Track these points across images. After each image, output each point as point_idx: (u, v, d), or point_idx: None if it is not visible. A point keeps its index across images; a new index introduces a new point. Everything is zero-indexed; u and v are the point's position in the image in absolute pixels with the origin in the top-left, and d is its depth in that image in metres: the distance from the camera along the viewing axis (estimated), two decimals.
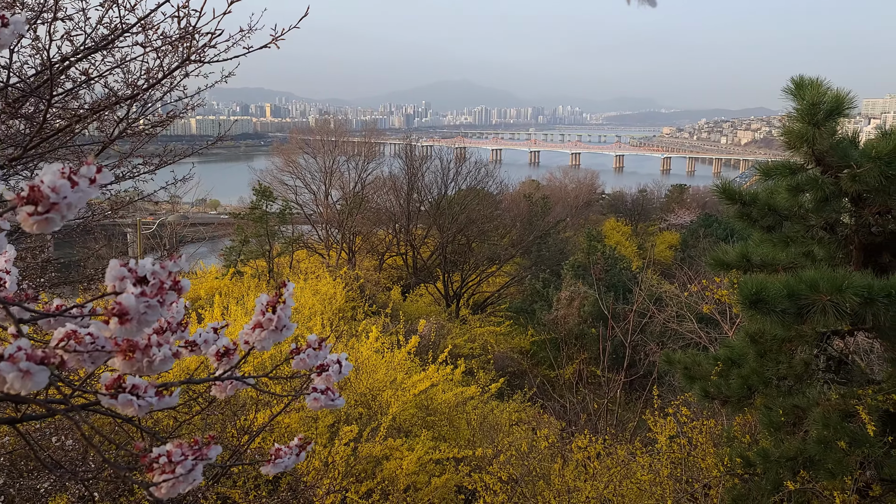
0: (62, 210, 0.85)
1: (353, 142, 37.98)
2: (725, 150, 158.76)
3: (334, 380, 1.43)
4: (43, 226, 0.84)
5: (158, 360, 0.99)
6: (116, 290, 0.99)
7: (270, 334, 1.25)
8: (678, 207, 50.27)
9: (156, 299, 0.92)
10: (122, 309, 0.90)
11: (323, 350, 1.40)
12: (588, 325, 20.26)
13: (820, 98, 4.16)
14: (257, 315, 1.26)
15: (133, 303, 0.90)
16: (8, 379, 0.76)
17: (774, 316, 3.98)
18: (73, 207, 0.86)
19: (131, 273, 0.99)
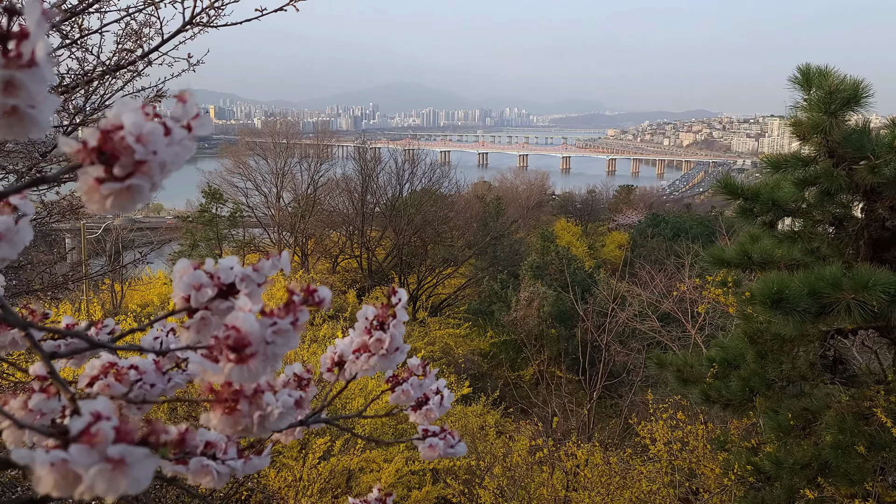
0: (152, 173, 0.50)
1: (304, 144, 37.35)
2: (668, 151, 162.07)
3: (436, 415, 1.10)
4: (122, 199, 0.49)
5: (277, 413, 0.64)
6: (191, 304, 0.65)
7: (381, 361, 0.91)
8: (626, 208, 51.05)
9: (288, 321, 0.58)
10: (240, 338, 0.55)
11: (428, 377, 1.07)
12: (548, 325, 20.17)
13: (837, 86, 3.99)
14: (360, 334, 0.92)
15: (256, 328, 0.56)
16: (86, 477, 0.41)
17: (796, 315, 3.78)
18: (165, 170, 0.52)
19: (212, 280, 0.65)
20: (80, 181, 0.49)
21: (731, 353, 5.49)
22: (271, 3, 2.12)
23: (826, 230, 4.64)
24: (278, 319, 0.57)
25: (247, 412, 0.61)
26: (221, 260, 0.69)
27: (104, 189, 0.49)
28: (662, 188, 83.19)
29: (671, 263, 17.88)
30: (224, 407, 0.60)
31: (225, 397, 0.60)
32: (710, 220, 35.19)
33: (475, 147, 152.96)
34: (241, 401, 0.61)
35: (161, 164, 0.51)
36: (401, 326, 0.92)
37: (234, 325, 0.56)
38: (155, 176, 0.50)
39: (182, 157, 0.53)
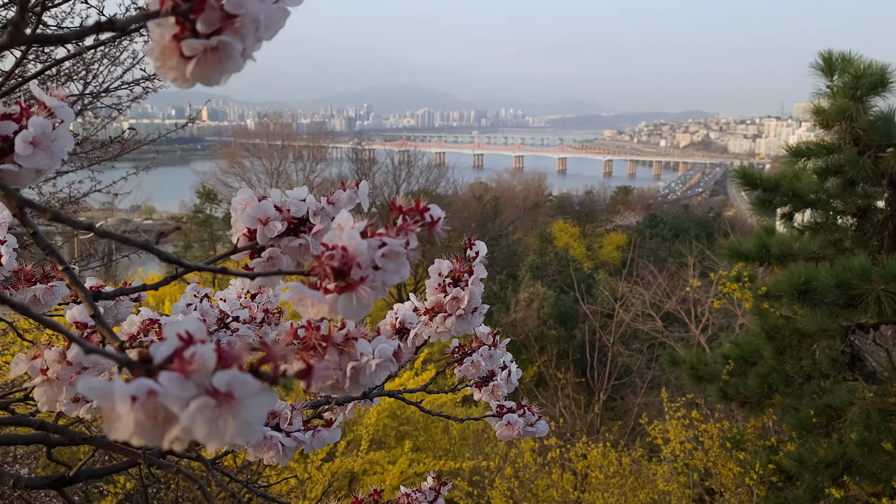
0: (244, 31, 0.36)
1: (299, 145, 37.37)
2: (665, 152, 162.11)
3: (504, 392, 0.96)
4: (209, 64, 0.36)
5: (374, 364, 0.51)
6: (257, 240, 0.51)
7: (458, 323, 0.77)
8: (624, 209, 50.97)
9: (399, 242, 0.44)
10: (348, 258, 0.42)
11: (500, 347, 0.93)
12: (548, 326, 20.02)
13: (864, 70, 3.87)
14: (433, 292, 0.78)
15: (365, 247, 0.42)
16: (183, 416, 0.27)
17: (824, 308, 3.65)
18: (259, 32, 0.38)
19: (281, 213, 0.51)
20: (154, 40, 0.36)
21: (747, 350, 5.37)
22: None
23: (849, 221, 4.52)
24: (388, 239, 0.44)
25: (337, 363, 0.48)
26: (291, 191, 0.55)
27: (186, 47, 0.35)
28: (660, 189, 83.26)
29: (672, 262, 17.77)
30: (311, 356, 0.47)
31: (312, 344, 0.47)
32: (709, 220, 35.18)
33: (471, 148, 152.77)
34: (331, 349, 0.47)
35: (254, 20, 0.37)
36: (479, 284, 0.79)
37: (337, 244, 0.42)
38: (248, 36, 0.37)
39: (278, 19, 0.40)
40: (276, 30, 0.39)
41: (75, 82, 4.31)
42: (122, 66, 4.94)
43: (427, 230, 0.50)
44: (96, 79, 4.53)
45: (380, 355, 0.52)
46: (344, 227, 0.43)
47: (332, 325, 0.51)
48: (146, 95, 5.61)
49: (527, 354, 19.75)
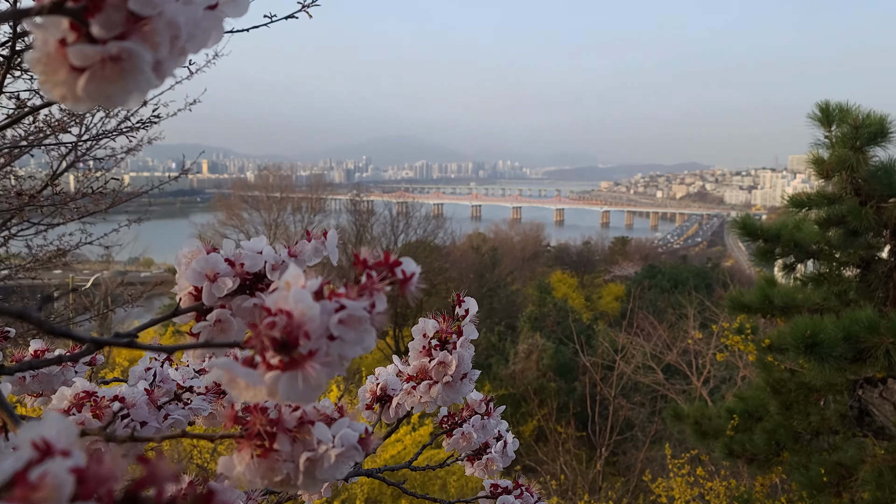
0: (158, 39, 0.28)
1: (298, 196, 37.62)
2: (662, 203, 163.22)
3: (499, 466, 0.86)
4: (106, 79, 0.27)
5: (333, 455, 0.41)
6: (203, 300, 0.42)
7: (445, 391, 0.68)
8: (622, 259, 51.01)
9: (362, 304, 0.36)
10: (293, 326, 0.33)
11: (494, 416, 0.83)
12: (547, 378, 19.73)
13: (863, 121, 3.85)
14: (417, 355, 0.69)
15: (316, 312, 0.33)
16: None
17: (832, 361, 3.54)
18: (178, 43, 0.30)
19: (233, 267, 0.43)
20: (37, 46, 0.27)
21: (752, 405, 5.23)
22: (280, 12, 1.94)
23: (852, 272, 4.45)
24: (348, 301, 0.35)
25: (288, 454, 0.39)
26: (246, 241, 0.47)
27: (74, 55, 0.27)
28: (657, 240, 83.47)
29: (672, 313, 17.63)
30: (255, 445, 0.38)
31: (257, 430, 0.38)
32: (707, 271, 35.18)
33: (469, 199, 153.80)
34: (281, 436, 0.38)
35: (171, 25, 0.29)
36: (469, 346, 0.70)
37: (282, 308, 0.34)
38: (162, 45, 0.29)
39: (207, 28, 0.32)
40: (204, 41, 0.31)
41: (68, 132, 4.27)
42: (115, 117, 4.93)
43: (399, 288, 0.41)
44: (89, 131, 4.49)
45: (341, 443, 0.43)
46: (292, 286, 0.34)
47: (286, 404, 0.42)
48: (141, 147, 5.58)
49: (526, 408, 19.42)
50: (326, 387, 0.35)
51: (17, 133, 4.33)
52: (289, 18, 1.91)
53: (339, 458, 0.42)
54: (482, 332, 25.10)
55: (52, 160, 4.77)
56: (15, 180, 4.75)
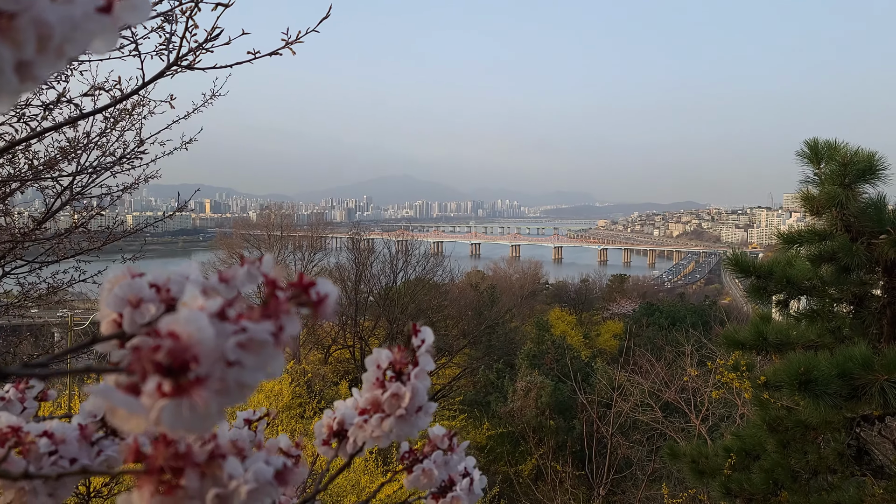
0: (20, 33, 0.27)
1: (299, 235, 37.79)
2: (658, 241, 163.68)
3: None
4: None
5: (245, 491, 0.39)
6: (126, 327, 0.41)
7: (398, 424, 0.66)
8: (620, 297, 50.97)
9: (265, 328, 0.34)
10: (179, 349, 0.31)
11: (457, 452, 0.81)
12: (546, 416, 19.53)
13: (851, 158, 3.86)
14: (370, 388, 0.67)
15: (208, 335, 0.32)
16: None
17: (827, 399, 3.50)
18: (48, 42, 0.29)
19: (158, 293, 0.41)
20: None
21: (748, 443, 5.16)
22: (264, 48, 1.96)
23: (845, 309, 4.42)
24: (248, 323, 0.33)
25: (196, 491, 0.36)
26: (175, 266, 0.45)
27: None
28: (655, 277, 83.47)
29: (670, 351, 17.52)
30: (159, 481, 0.36)
31: (159, 465, 0.35)
32: (705, 309, 35.13)
33: (468, 238, 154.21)
34: (189, 471, 0.36)
35: (39, 24, 0.28)
36: (425, 377, 0.68)
37: (171, 330, 0.32)
38: (27, 43, 0.27)
39: (87, 31, 0.30)
40: (85, 43, 0.30)
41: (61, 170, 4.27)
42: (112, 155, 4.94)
43: (312, 311, 0.40)
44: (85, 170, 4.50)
45: (254, 479, 0.40)
46: (187, 307, 0.32)
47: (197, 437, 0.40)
48: (138, 186, 5.58)
49: (525, 446, 19.19)
50: (224, 416, 0.34)
51: (8, 171, 4.34)
52: (272, 55, 1.93)
53: (252, 494, 0.40)
54: (481, 369, 24.92)
55: (48, 198, 4.77)
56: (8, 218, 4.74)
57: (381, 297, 28.17)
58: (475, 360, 27.46)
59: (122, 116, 4.41)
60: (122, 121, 4.52)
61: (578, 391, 14.92)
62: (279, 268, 0.38)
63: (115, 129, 4.37)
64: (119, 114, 4.07)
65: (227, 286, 0.44)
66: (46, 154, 4.02)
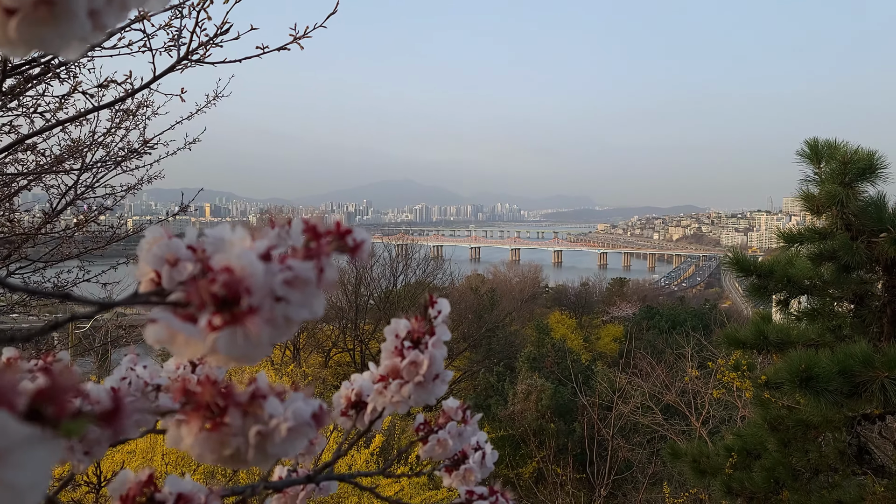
0: None
1: None
2: (658, 245, 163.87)
3: (477, 476, 0.85)
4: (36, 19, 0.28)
5: (285, 428, 0.41)
6: (164, 284, 0.43)
7: (416, 391, 0.68)
8: (620, 300, 50.97)
9: (309, 267, 0.36)
10: (234, 282, 0.33)
11: (470, 424, 0.83)
12: (546, 419, 19.53)
13: (851, 157, 3.89)
14: (389, 356, 0.69)
15: (259, 270, 0.34)
16: None
17: (827, 396, 3.52)
18: None
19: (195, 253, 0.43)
20: None
21: (749, 442, 5.17)
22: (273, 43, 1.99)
23: (846, 307, 4.44)
24: (294, 262, 0.36)
25: (239, 427, 0.39)
26: (210, 230, 0.48)
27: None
28: (655, 281, 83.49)
29: (670, 354, 17.55)
30: (204, 417, 0.38)
31: (206, 402, 0.38)
32: (705, 312, 35.13)
33: (467, 241, 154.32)
34: (232, 408, 0.38)
35: None
36: (441, 346, 0.70)
37: (224, 265, 0.34)
38: None
39: None
40: None
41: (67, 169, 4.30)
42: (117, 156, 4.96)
43: (350, 256, 0.42)
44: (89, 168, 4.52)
45: (293, 418, 0.43)
46: (236, 245, 0.35)
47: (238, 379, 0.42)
48: (141, 186, 5.60)
49: (525, 449, 19.18)
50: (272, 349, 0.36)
51: (16, 169, 4.36)
52: (281, 50, 1.96)
53: (291, 432, 0.42)
54: (481, 372, 24.93)
55: (52, 198, 4.79)
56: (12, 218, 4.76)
57: (381, 300, 28.18)
58: (475, 363, 27.47)
59: (127, 116, 4.44)
60: (126, 121, 4.55)
61: (579, 394, 14.94)
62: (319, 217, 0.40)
63: (119, 128, 4.41)
64: (125, 112, 4.10)
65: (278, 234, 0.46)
66: (52, 153, 4.04)
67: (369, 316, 28.11)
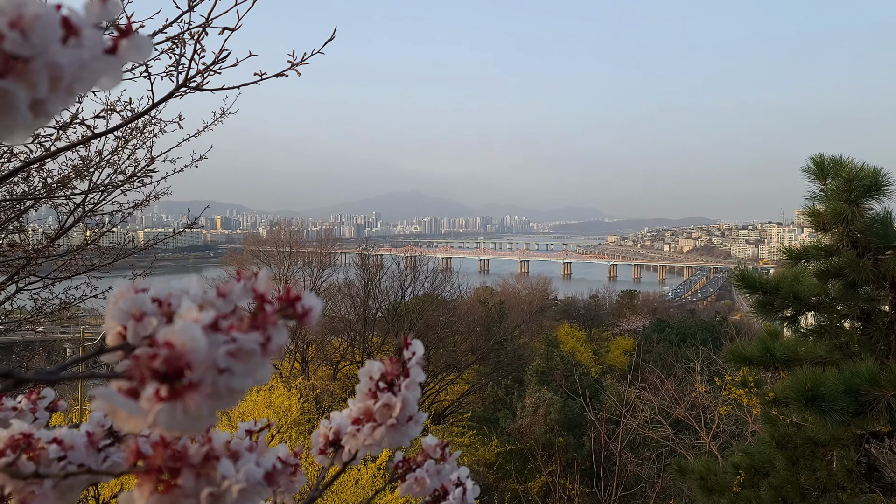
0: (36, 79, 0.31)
1: (308, 251, 38.00)
2: (669, 257, 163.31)
3: None
4: None
5: (237, 489, 0.42)
6: (129, 339, 0.44)
7: (389, 433, 0.68)
8: (630, 313, 50.75)
9: (254, 338, 0.37)
10: (174, 357, 0.34)
11: (449, 462, 0.83)
12: (555, 433, 19.42)
13: (857, 173, 3.88)
14: (363, 398, 0.69)
15: (201, 344, 0.35)
16: None
17: (833, 415, 3.49)
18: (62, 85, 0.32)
19: (160, 307, 0.44)
20: None
21: (757, 460, 5.13)
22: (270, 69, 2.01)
23: (854, 325, 4.41)
24: (238, 335, 0.36)
25: (191, 489, 0.39)
26: (176, 281, 0.48)
27: None
28: (665, 293, 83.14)
29: (680, 367, 17.45)
30: (158, 480, 0.38)
31: (158, 465, 0.38)
32: (716, 325, 34.95)
33: (476, 253, 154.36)
34: (185, 471, 0.39)
35: (51, 67, 0.31)
36: (415, 388, 0.70)
37: (167, 340, 0.35)
38: (39, 85, 0.31)
39: (95, 70, 0.34)
40: (93, 82, 0.33)
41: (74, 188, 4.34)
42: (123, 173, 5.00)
43: (298, 323, 0.42)
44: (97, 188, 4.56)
45: (245, 479, 0.43)
46: (182, 319, 0.35)
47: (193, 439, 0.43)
48: (149, 203, 5.63)
49: (534, 463, 19.07)
50: (216, 419, 0.36)
51: (23, 189, 4.40)
52: (278, 76, 1.98)
53: (243, 493, 0.43)
54: (489, 385, 24.85)
55: (61, 215, 4.83)
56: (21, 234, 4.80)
57: (389, 312, 28.19)
58: (484, 376, 27.39)
59: (134, 135, 4.48)
60: (133, 139, 4.60)
61: (587, 408, 14.87)
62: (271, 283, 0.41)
63: (126, 147, 4.45)
64: (130, 132, 4.14)
65: (224, 300, 0.47)
66: (60, 172, 4.08)
67: (378, 328, 28.10)
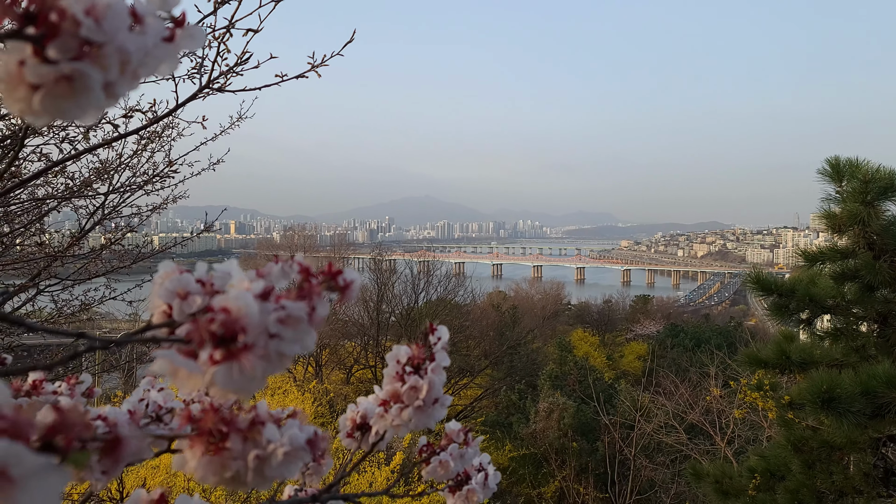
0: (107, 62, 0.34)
1: (321, 255, 38.18)
2: (683, 262, 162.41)
3: (479, 498, 0.88)
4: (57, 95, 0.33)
5: (281, 453, 0.45)
6: (175, 316, 0.46)
7: (416, 415, 0.71)
8: (644, 318, 50.48)
9: (301, 307, 0.40)
10: (230, 321, 0.37)
11: (472, 446, 0.86)
12: (569, 438, 19.36)
13: (873, 175, 3.87)
14: (390, 381, 0.72)
15: (255, 310, 0.38)
16: None
17: (850, 417, 3.48)
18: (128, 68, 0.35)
19: (203, 287, 0.47)
20: (1, 61, 0.33)
21: (773, 463, 5.10)
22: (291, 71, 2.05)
23: (870, 327, 4.39)
24: (287, 302, 0.39)
25: (239, 452, 0.42)
26: (219, 265, 0.51)
27: (30, 73, 0.32)
28: (679, 298, 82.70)
29: (694, 372, 17.36)
30: (207, 443, 0.41)
31: (209, 428, 0.41)
32: (730, 330, 34.73)
33: (489, 258, 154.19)
34: (233, 434, 0.42)
35: (121, 51, 0.34)
36: (441, 371, 0.73)
37: (222, 306, 0.38)
38: (112, 67, 0.34)
39: (156, 57, 0.37)
40: (155, 67, 0.36)
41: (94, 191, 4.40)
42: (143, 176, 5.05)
43: (339, 295, 0.45)
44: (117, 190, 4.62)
45: (289, 443, 0.46)
46: (235, 287, 0.38)
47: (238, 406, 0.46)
48: (166, 206, 5.70)
49: (547, 468, 19.03)
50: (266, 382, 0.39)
51: (45, 191, 4.47)
52: (299, 78, 2.02)
53: (287, 456, 0.45)
54: (502, 390, 24.81)
55: (81, 217, 4.90)
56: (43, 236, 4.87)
57: (402, 317, 28.23)
58: (497, 380, 27.35)
59: (153, 138, 4.54)
60: (152, 142, 4.66)
61: (601, 412, 14.82)
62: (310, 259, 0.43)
63: (145, 150, 4.51)
64: (150, 136, 4.20)
65: (263, 280, 0.49)
66: (81, 175, 4.15)
67: (391, 333, 28.15)
